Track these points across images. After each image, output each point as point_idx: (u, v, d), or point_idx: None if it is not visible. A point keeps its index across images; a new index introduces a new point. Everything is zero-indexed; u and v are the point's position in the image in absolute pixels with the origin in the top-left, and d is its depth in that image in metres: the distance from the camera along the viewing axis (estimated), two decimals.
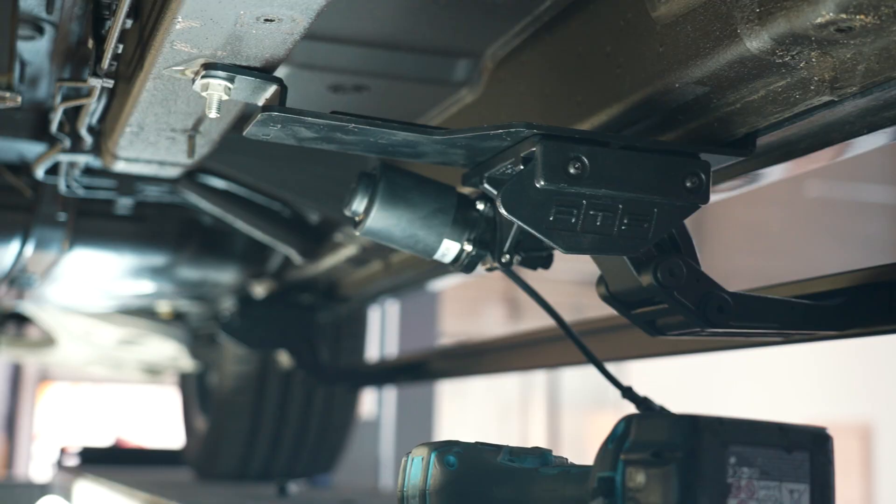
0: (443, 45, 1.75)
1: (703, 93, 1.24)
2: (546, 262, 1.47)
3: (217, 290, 2.90)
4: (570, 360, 2.20)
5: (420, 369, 2.99)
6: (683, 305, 1.26)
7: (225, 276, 2.74)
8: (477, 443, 1.24)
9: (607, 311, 1.44)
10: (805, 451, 1.01)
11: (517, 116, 1.62)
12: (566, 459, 1.24)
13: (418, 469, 1.21)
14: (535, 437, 11.85)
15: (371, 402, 5.54)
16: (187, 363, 3.82)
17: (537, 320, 2.24)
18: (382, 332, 5.53)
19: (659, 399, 1.50)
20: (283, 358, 2.90)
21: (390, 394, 5.58)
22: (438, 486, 1.19)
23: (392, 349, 5.55)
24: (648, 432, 1.00)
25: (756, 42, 1.11)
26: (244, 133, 1.26)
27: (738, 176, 1.43)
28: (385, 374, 3.26)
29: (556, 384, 11.94)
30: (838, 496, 1.03)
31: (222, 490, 2.89)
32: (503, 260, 1.41)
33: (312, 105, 1.82)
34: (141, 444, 6.81)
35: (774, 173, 1.42)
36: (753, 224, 10.34)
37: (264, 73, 1.27)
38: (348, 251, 2.34)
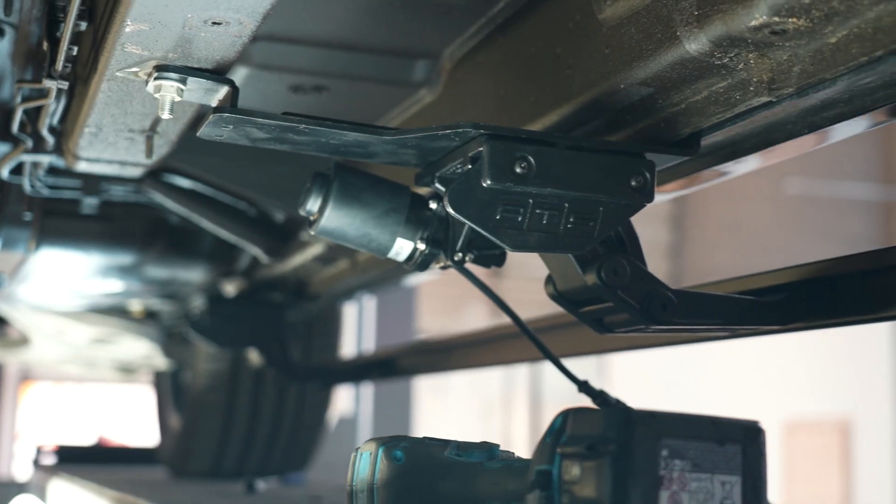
0: (401, 46, 1.77)
1: (648, 94, 1.26)
2: (499, 261, 1.49)
3: (186, 289, 2.90)
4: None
5: (392, 366, 3.00)
6: (628, 304, 1.29)
7: (193, 274, 2.75)
8: (425, 438, 1.26)
9: None
10: (737, 444, 1.04)
11: (475, 116, 1.64)
12: (513, 454, 1.27)
13: (366, 464, 1.23)
14: (518, 434, 11.88)
15: (348, 399, 5.56)
16: (161, 362, 3.82)
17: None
18: (359, 330, 5.54)
19: (643, 398, 1.53)
20: (254, 356, 2.92)
21: (367, 390, 5.59)
22: (386, 480, 1.21)
23: (369, 346, 5.56)
24: (584, 426, 1.03)
25: (695, 44, 1.13)
26: (197, 134, 1.28)
27: (684, 175, 1.46)
28: (357, 371, 3.27)
29: (538, 380, 11.97)
30: (820, 490, 1.05)
31: (193, 488, 2.91)
32: (455, 258, 1.43)
33: (273, 105, 1.84)
34: (124, 443, 6.80)
35: (720, 172, 1.45)
36: (733, 221, 10.39)
37: (216, 74, 1.29)
38: (315, 249, 2.35)
